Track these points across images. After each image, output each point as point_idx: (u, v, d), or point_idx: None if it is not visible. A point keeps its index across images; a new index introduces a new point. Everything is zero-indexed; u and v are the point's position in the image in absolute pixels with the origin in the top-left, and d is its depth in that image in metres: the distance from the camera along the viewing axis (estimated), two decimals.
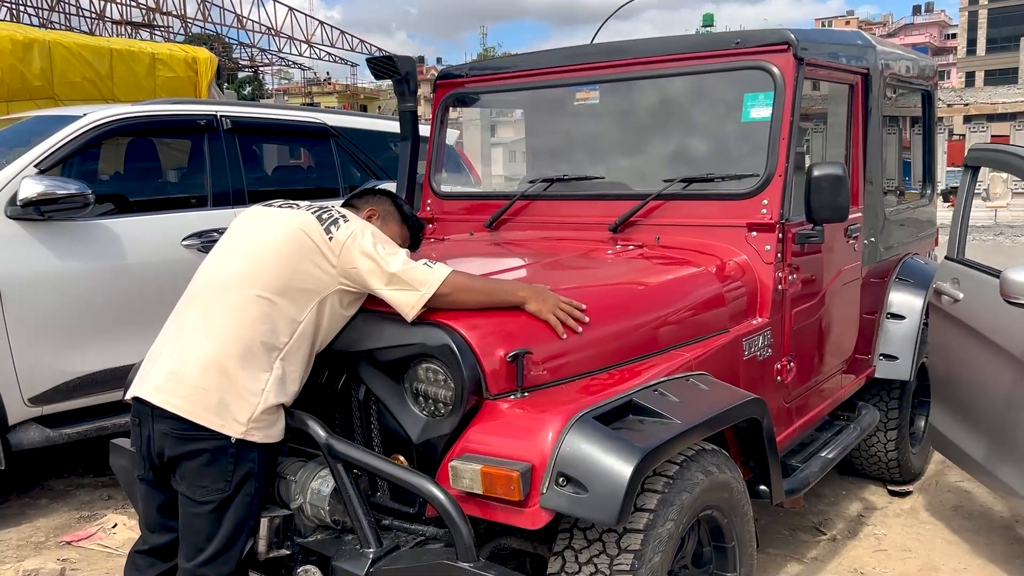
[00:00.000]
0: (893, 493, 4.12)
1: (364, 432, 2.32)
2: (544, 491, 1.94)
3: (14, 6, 29.29)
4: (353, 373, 2.32)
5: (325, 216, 2.23)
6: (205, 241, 4.36)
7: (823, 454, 3.28)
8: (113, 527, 3.74)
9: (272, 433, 2.15)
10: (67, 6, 30.78)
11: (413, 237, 2.58)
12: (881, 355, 3.89)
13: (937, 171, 4.78)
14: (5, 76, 6.35)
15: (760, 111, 3.01)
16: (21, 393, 3.70)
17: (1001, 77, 58.48)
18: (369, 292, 2.22)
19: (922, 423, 4.38)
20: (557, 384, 2.25)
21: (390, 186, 5.25)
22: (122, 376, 3.95)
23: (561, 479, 1.93)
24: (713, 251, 2.98)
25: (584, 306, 2.32)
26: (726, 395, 2.39)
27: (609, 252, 2.96)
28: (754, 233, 2.96)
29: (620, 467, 1.90)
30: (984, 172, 30.16)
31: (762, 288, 2.95)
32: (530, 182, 3.60)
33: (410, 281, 2.15)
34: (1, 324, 3.61)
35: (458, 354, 2.12)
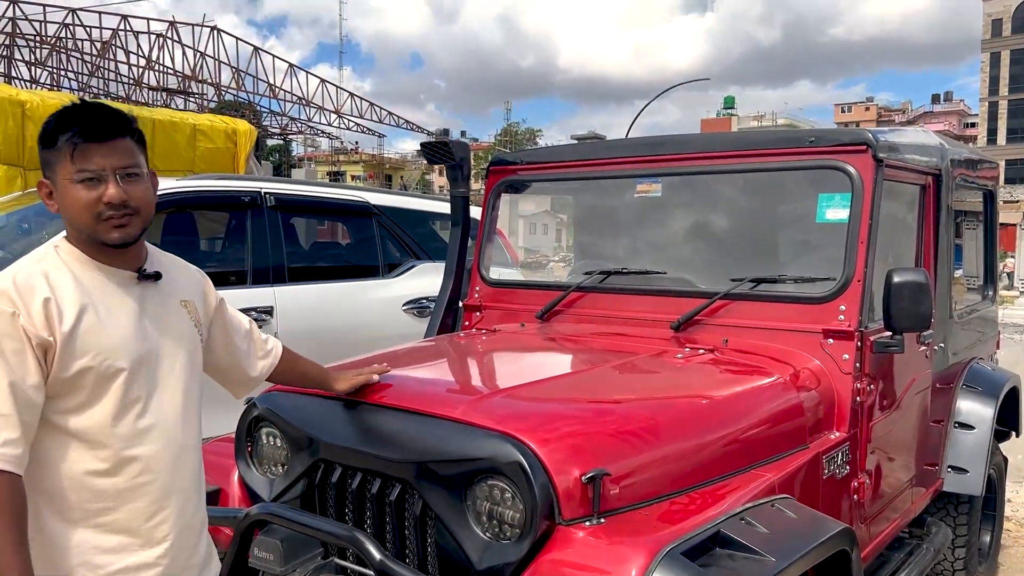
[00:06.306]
0: None
1: (419, 552, 2.13)
2: None
3: (55, 70, 30.12)
4: (408, 485, 2.14)
5: None
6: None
7: None
8: None
9: None
10: (106, 72, 31.60)
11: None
12: (950, 467, 3.67)
13: (997, 271, 4.62)
14: None
15: (836, 212, 2.88)
16: None
17: (1022, 167, 58.69)
18: None
19: (988, 539, 4.12)
20: (634, 508, 2.06)
21: (430, 265, 5.21)
22: None
23: None
24: (785, 357, 2.81)
25: None
26: (815, 524, 2.18)
27: (679, 356, 2.79)
28: (831, 340, 2.79)
29: None
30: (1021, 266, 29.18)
31: (839, 399, 2.76)
32: (585, 273, 3.46)
33: None
34: None
35: (530, 472, 1.95)
